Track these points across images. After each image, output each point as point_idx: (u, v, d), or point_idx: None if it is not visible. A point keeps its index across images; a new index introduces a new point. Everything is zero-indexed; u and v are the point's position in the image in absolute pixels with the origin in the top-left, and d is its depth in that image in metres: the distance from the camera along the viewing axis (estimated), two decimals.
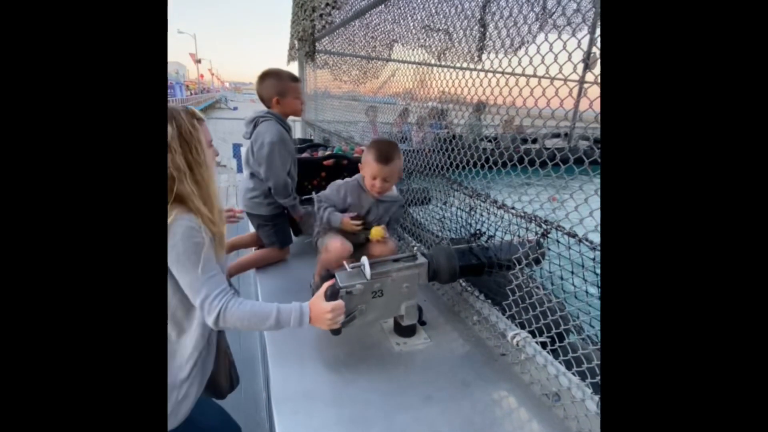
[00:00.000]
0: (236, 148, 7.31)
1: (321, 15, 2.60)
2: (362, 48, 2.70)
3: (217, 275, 0.85)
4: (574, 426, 0.93)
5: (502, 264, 1.20)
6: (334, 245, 1.35)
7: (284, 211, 1.77)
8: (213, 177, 0.88)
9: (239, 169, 7.02)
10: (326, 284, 1.00)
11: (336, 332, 1.08)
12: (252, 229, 1.94)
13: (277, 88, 1.65)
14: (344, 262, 1.12)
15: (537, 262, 1.13)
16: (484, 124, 1.56)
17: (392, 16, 2.18)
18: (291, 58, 3.56)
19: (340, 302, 0.95)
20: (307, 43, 3.14)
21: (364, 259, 1.09)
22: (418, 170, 1.66)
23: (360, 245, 1.46)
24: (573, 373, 0.96)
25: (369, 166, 1.35)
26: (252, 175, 1.72)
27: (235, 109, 22.93)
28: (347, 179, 1.45)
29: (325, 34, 2.88)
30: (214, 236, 0.86)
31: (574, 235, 0.92)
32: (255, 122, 1.68)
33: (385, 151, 1.33)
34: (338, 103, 3.47)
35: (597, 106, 0.82)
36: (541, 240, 1.07)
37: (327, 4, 2.51)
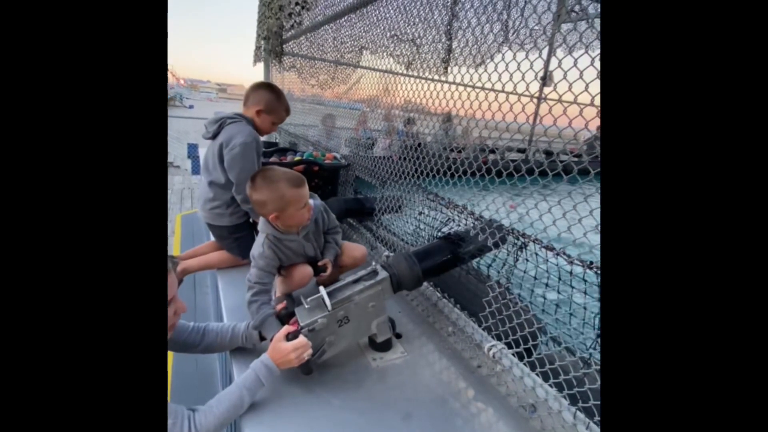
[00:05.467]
0: (191, 147, 6.94)
1: (290, 14, 2.53)
2: (331, 53, 2.66)
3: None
4: None
5: (466, 254, 1.18)
6: (297, 272, 1.32)
7: (248, 221, 1.67)
8: None
9: (194, 171, 6.64)
10: (285, 328, 0.99)
11: (307, 371, 1.02)
12: (210, 238, 1.82)
13: (270, 105, 1.64)
14: (302, 298, 1.05)
15: (497, 246, 1.12)
16: (452, 135, 1.58)
17: (363, 23, 2.17)
18: (257, 59, 3.44)
19: (301, 339, 0.96)
20: (271, 41, 3.05)
21: (321, 289, 1.04)
22: (392, 178, 1.64)
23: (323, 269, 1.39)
24: (549, 385, 0.97)
25: (287, 202, 1.17)
26: (211, 183, 1.59)
27: (191, 107, 21.86)
28: (258, 240, 1.26)
29: (294, 36, 2.81)
30: None
31: (552, 249, 0.94)
32: (221, 123, 1.58)
33: (294, 175, 1.20)
34: (302, 107, 3.40)
35: (558, 120, 0.87)
36: (519, 252, 1.08)
37: (296, 3, 2.45)
